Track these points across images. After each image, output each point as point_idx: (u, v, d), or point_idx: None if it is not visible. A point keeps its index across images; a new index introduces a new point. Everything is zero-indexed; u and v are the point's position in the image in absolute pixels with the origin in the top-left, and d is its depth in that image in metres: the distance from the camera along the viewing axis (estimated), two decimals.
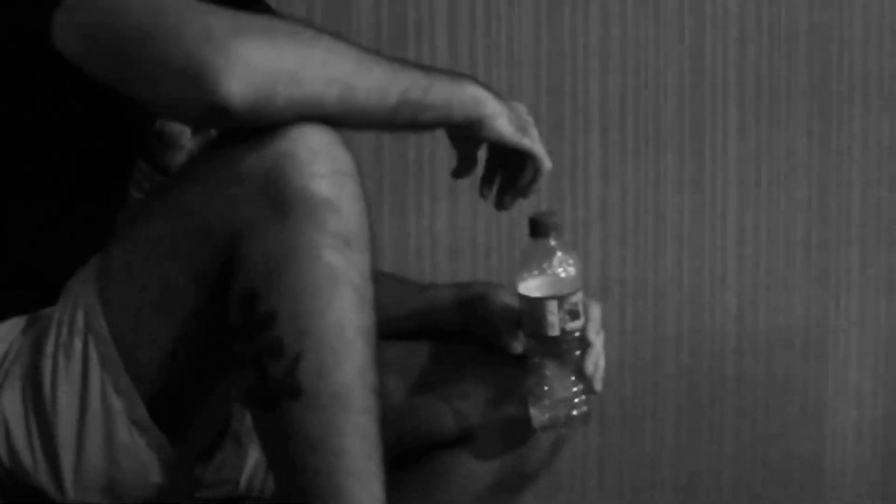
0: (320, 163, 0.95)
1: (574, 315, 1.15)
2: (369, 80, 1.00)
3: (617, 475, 2.14)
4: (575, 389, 1.17)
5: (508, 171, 1.15)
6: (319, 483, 0.95)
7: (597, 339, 1.17)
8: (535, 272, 1.15)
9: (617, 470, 2.14)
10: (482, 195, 1.18)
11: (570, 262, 1.16)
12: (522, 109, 1.14)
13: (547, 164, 1.14)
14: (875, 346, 2.37)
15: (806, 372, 2.31)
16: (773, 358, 2.27)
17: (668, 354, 2.18)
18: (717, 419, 2.23)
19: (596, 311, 1.18)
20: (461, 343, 1.23)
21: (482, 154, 1.16)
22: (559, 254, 1.15)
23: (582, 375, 1.17)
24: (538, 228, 1.15)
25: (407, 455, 1.20)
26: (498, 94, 1.10)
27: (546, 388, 1.17)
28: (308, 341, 0.93)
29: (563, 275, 1.15)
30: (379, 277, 1.01)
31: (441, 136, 1.15)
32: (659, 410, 2.18)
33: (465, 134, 1.10)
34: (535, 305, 1.14)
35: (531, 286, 1.15)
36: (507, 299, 1.20)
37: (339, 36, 1.02)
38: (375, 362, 0.97)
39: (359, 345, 0.95)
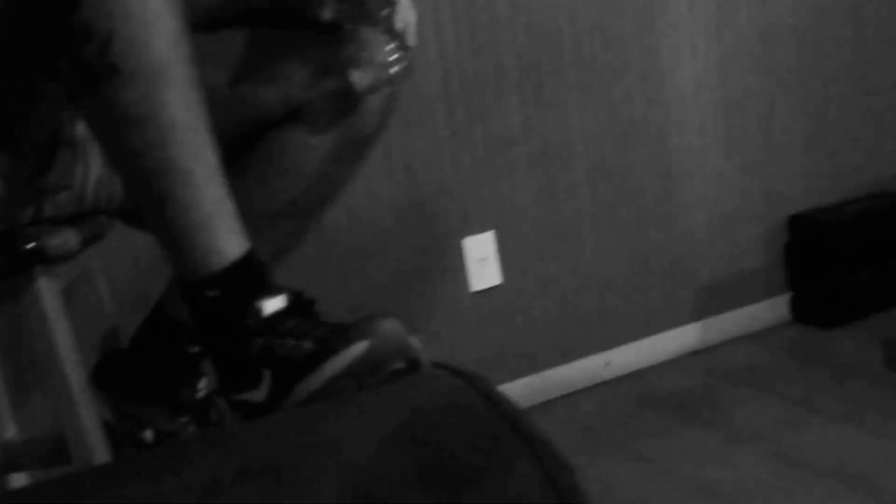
0: None
1: None
2: None
3: (468, 153, 2.23)
4: (390, 48, 1.20)
5: None
6: (154, 160, 0.97)
7: None
8: None
9: (469, 146, 2.23)
10: None
11: None
12: None
13: None
14: None
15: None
16: (607, 30, 2.33)
17: (503, 37, 2.22)
18: (561, 93, 2.29)
19: None
20: (276, 24, 1.25)
21: None
22: None
23: (394, 33, 1.20)
24: None
25: (239, 142, 1.24)
26: None
27: (363, 52, 1.20)
28: (115, 19, 0.94)
29: None
30: None
31: None
32: (502, 89, 2.23)
33: None
34: None
35: None
36: None
37: None
38: (187, 34, 0.98)
39: (167, 17, 0.96)
